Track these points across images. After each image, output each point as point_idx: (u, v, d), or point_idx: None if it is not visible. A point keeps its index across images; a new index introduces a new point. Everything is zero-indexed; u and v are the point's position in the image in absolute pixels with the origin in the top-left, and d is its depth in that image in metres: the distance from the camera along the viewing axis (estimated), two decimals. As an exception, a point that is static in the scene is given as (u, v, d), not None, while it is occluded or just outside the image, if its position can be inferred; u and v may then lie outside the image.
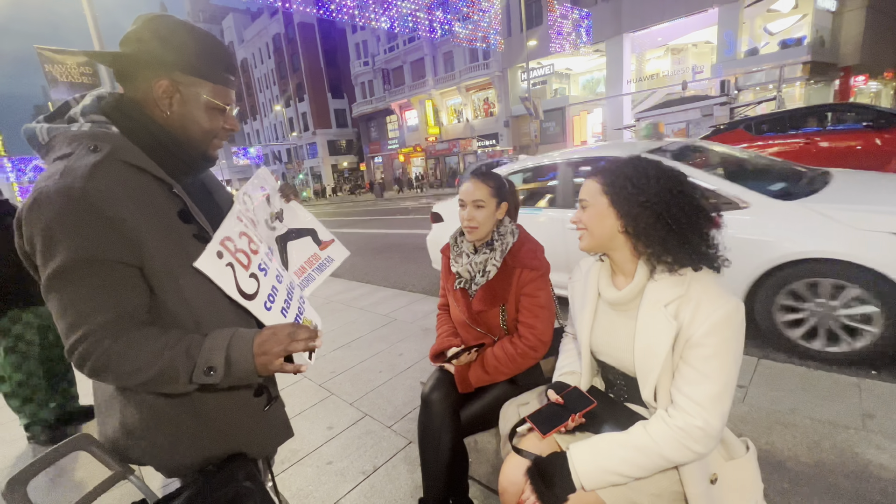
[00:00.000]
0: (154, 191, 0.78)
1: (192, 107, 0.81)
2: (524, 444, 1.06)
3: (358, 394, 2.56)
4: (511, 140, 26.06)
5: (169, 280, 0.77)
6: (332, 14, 14.96)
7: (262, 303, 0.90)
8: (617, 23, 20.89)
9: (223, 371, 0.75)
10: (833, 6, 17.95)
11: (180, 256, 0.77)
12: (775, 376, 2.09)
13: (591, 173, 1.02)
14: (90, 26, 6.37)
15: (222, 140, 0.89)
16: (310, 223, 1.28)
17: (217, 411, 0.89)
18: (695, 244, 0.89)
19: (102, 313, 0.71)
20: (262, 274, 0.93)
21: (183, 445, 0.88)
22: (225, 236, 0.84)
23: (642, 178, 0.92)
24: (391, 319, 3.77)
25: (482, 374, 1.35)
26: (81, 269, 0.69)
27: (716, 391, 0.85)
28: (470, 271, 1.40)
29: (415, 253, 6.97)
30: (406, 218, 13.35)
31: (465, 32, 19.29)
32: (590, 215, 0.99)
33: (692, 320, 0.86)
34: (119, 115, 0.79)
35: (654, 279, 0.93)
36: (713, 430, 0.84)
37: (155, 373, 0.73)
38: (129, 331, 0.73)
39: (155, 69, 0.77)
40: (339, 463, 1.96)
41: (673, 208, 0.89)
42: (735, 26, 17.95)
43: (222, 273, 0.81)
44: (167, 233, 0.77)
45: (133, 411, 0.86)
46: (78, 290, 0.70)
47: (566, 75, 26.61)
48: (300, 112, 41.58)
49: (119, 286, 0.72)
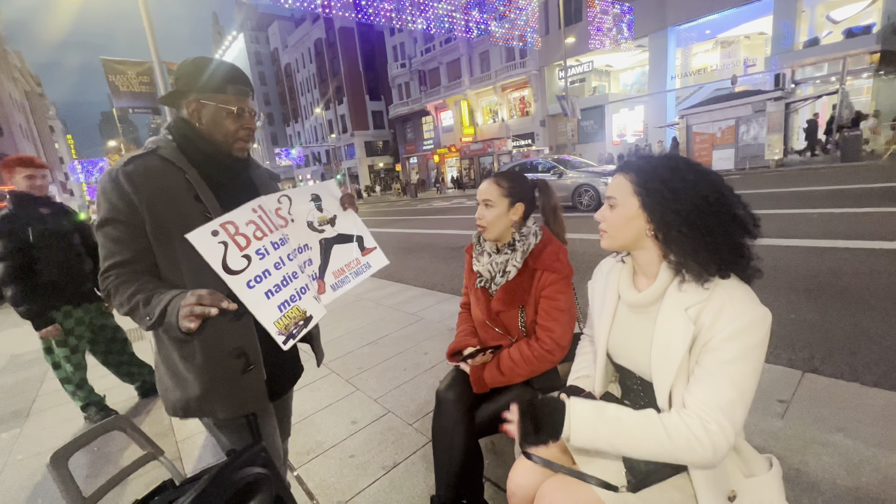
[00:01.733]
0: (177, 176, 1.03)
1: (213, 115, 1.05)
2: (533, 448, 1.04)
3: (382, 390, 2.61)
4: (547, 139, 25.61)
5: (165, 242, 0.99)
6: (370, 17, 15.29)
7: (245, 281, 0.99)
8: (661, 16, 20.01)
9: (155, 316, 0.91)
10: (909, -11, 16.31)
11: (180, 225, 0.97)
12: (821, 392, 1.94)
13: (623, 168, 0.97)
14: (148, 37, 6.85)
15: (245, 141, 1.11)
16: (360, 231, 1.39)
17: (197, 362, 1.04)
18: (726, 255, 0.84)
19: (115, 256, 0.98)
20: (257, 257, 1.03)
21: (173, 382, 1.07)
22: (228, 220, 0.99)
23: (678, 182, 0.87)
24: (418, 318, 3.82)
25: (497, 374, 1.34)
26: (106, 225, 0.98)
27: (730, 398, 0.79)
28: (490, 271, 1.40)
29: (446, 253, 7.01)
30: (439, 218, 13.44)
31: (502, 31, 19.12)
32: (617, 216, 0.95)
33: (712, 324, 0.82)
34: (174, 130, 1.09)
35: (677, 282, 0.89)
36: (727, 438, 0.79)
37: (128, 309, 0.96)
38: (128, 272, 0.98)
39: (185, 95, 1.05)
40: (361, 457, 2.00)
41: (708, 217, 0.84)
42: (793, 15, 16.71)
43: (212, 248, 0.95)
44: (175, 206, 1.00)
45: (156, 349, 1.11)
46: (105, 238, 0.99)
47: (606, 72, 25.81)
48: (339, 114, 42.81)
49: (128, 239, 0.98)
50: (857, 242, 4.28)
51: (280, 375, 1.20)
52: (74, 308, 2.56)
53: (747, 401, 0.81)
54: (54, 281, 2.43)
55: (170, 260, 1.01)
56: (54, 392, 3.19)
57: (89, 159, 31.24)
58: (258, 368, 1.09)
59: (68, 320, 2.54)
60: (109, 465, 2.16)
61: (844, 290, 3.16)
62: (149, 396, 2.96)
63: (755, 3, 17.42)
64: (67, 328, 2.53)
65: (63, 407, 2.96)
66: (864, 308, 2.83)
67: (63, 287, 2.47)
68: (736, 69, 18.95)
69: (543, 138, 25.73)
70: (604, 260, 1.17)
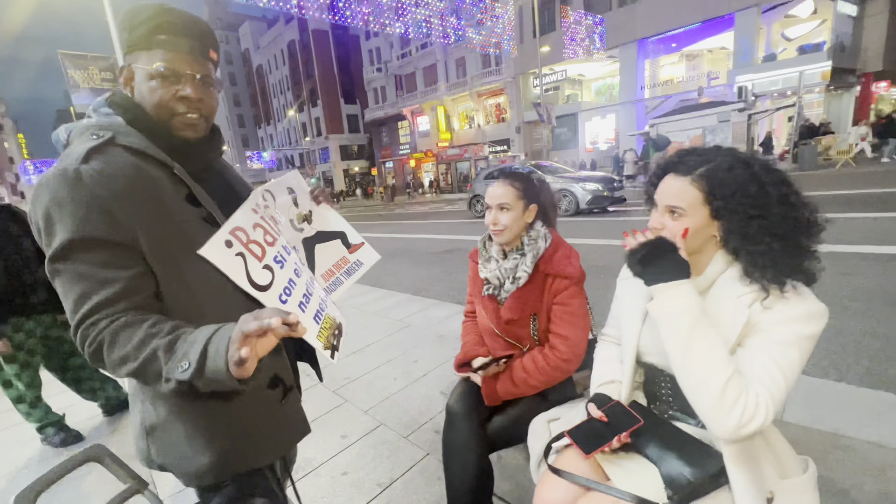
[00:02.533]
0: (157, 174, 0.76)
1: (139, 82, 0.79)
2: (562, 462, 0.98)
3: (372, 401, 2.49)
4: (523, 146, 25.98)
5: (168, 262, 0.75)
6: (347, 20, 15.11)
7: (277, 295, 0.86)
8: (631, 28, 20.75)
9: (195, 366, 0.63)
10: (854, 11, 17.61)
11: (182, 240, 0.76)
12: (812, 393, 1.98)
13: (681, 169, 0.88)
14: (112, 31, 6.49)
15: (186, 115, 0.79)
16: (340, 226, 1.25)
17: (231, 406, 0.83)
18: (806, 262, 0.81)
19: (98, 293, 0.69)
20: (277, 266, 0.90)
21: (198, 443, 0.82)
22: (236, 226, 0.83)
23: (757, 189, 0.81)
24: (405, 325, 3.71)
25: (511, 387, 1.28)
26: (77, 249, 0.68)
27: (775, 378, 0.75)
28: (499, 277, 1.33)
29: (426, 258, 6.92)
30: (417, 223, 13.34)
31: (479, 38, 19.34)
32: (682, 228, 0.86)
33: (766, 310, 0.79)
34: (119, 106, 0.81)
35: (728, 275, 0.86)
36: (763, 414, 0.74)
37: (140, 364, 0.67)
38: (126, 311, 0.70)
39: (124, 59, 0.80)
40: (355, 474, 1.89)
41: (791, 227, 0.81)
42: (752, 32, 17.70)
43: (232, 262, 0.80)
44: (168, 215, 0.75)
45: (150, 406, 0.82)
46: (76, 269, 0.69)
47: (578, 81, 26.49)
48: (313, 117, 42.08)
49: (114, 266, 0.70)
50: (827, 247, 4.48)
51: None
52: (25, 320, 2.33)
53: (789, 389, 0.77)
54: (1, 291, 2.19)
55: (179, 284, 0.76)
56: (6, 413, 2.90)
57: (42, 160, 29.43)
58: (294, 391, 0.95)
59: (18, 334, 2.29)
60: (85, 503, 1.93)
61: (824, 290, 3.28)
62: (114, 414, 2.73)
63: (717, 20, 18.35)
64: (17, 342, 2.29)
65: (17, 429, 2.68)
66: (839, 309, 2.94)
67: (11, 297, 2.24)
68: (700, 81, 19.85)
69: (519, 144, 26.09)
70: None
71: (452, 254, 7.14)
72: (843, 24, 17.34)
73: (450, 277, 5.53)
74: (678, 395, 0.96)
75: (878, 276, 3.50)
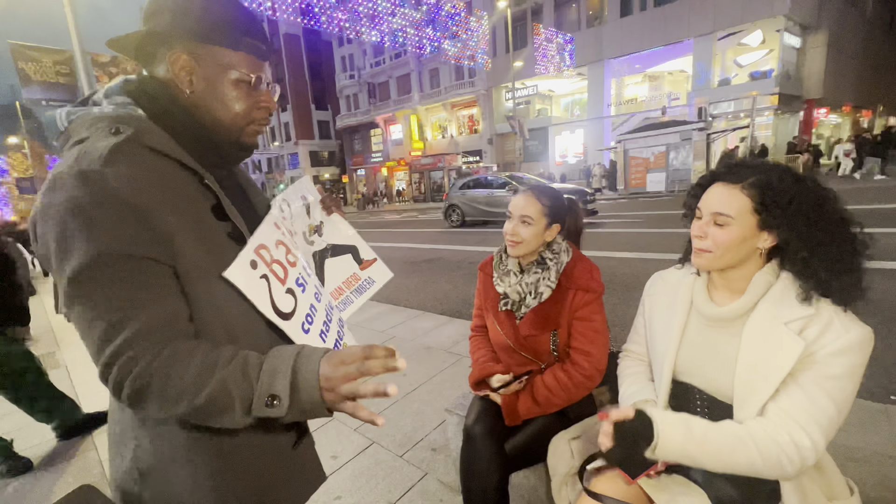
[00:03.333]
0: (183, 181, 0.67)
1: (214, 82, 0.69)
2: (599, 486, 0.94)
3: (362, 418, 2.38)
4: (495, 157, 26.41)
5: (200, 283, 0.64)
6: (322, 24, 14.93)
7: (300, 324, 0.78)
8: (598, 49, 21.70)
9: (288, 401, 0.59)
10: (798, 43, 19.19)
11: (213, 257, 0.66)
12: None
13: (731, 178, 0.87)
14: (69, 22, 6.07)
15: (260, 124, 0.76)
16: (352, 239, 1.17)
17: (240, 449, 0.73)
18: (859, 277, 0.81)
19: (138, 320, 0.57)
20: (299, 290, 0.81)
21: (201, 491, 0.72)
22: (260, 244, 0.73)
23: (808, 202, 0.81)
24: (390, 337, 3.61)
25: (533, 405, 1.23)
26: (105, 268, 0.56)
27: (829, 414, 0.77)
28: (520, 292, 1.29)
29: (404, 267, 6.82)
30: (392, 231, 13.19)
31: (454, 50, 19.62)
32: (729, 236, 0.86)
33: (818, 338, 0.79)
34: (144, 96, 0.69)
35: (772, 296, 0.85)
36: (815, 453, 0.77)
37: (205, 399, 0.58)
38: (170, 343, 0.59)
39: (170, 42, 0.66)
40: (349, 498, 1.78)
41: (843, 241, 0.81)
42: (708, 57, 18.93)
43: (256, 286, 0.70)
44: (199, 229, 0.65)
45: (148, 447, 0.70)
46: (104, 293, 0.56)
47: (549, 96, 27.33)
48: (282, 122, 41.08)
49: (153, 288, 0.59)
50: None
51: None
52: None
53: (843, 418, 0.79)
54: None
55: (210, 307, 0.66)
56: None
57: (-23, 158, 27.08)
58: (308, 436, 0.85)
59: None
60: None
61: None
62: (71, 437, 2.47)
63: (677, 44, 19.53)
64: None
65: None
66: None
67: None
68: (661, 101, 20.96)
69: (491, 156, 26.51)
70: (664, 271, 1.11)
71: (431, 263, 7.08)
72: (789, 55, 18.86)
73: (431, 287, 5.46)
74: (715, 413, 0.94)
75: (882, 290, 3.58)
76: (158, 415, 0.60)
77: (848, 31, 20.99)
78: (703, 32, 18.52)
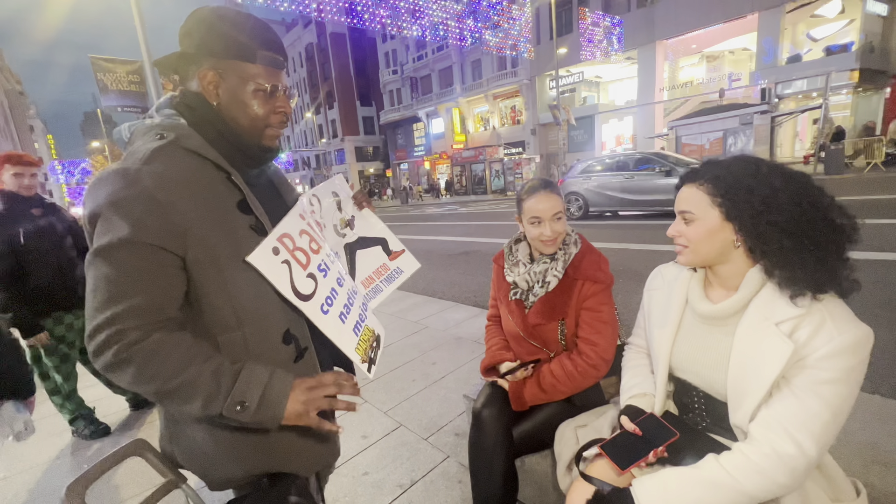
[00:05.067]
0: (213, 179, 0.78)
1: (236, 92, 0.79)
2: (593, 470, 0.97)
3: (392, 402, 2.51)
4: (538, 148, 25.83)
5: (213, 270, 0.75)
6: (365, 23, 15.28)
7: (319, 305, 0.87)
8: (650, 30, 20.45)
9: (254, 409, 0.71)
10: (885, 11, 17.01)
11: (230, 247, 0.76)
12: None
13: (691, 178, 0.90)
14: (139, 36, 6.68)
15: (277, 128, 0.86)
16: (381, 232, 1.27)
17: None
18: (832, 267, 0.78)
19: (132, 298, 0.67)
20: (321, 275, 0.90)
21: (222, 456, 0.84)
22: (283, 233, 0.83)
23: (765, 189, 0.81)
24: (423, 327, 3.72)
25: (539, 392, 1.27)
26: (123, 250, 0.67)
27: (823, 419, 0.74)
28: (528, 281, 1.32)
29: (443, 260, 6.94)
30: (434, 224, 13.37)
31: (496, 40, 19.33)
32: (697, 231, 0.88)
33: (809, 340, 0.76)
34: (185, 107, 0.82)
35: (765, 294, 0.83)
36: (806, 460, 0.74)
37: (174, 386, 0.68)
38: (159, 327, 0.69)
39: (197, 60, 0.78)
40: (376, 474, 1.90)
41: (806, 226, 0.79)
42: (776, 32, 17.25)
43: (277, 270, 0.79)
44: (221, 222, 0.76)
45: (173, 415, 0.85)
46: (115, 269, 0.67)
47: (595, 83, 26.23)
48: (329, 119, 42.58)
49: (156, 273, 0.70)
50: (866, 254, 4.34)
51: None
52: (65, 313, 2.41)
53: (840, 424, 0.76)
54: (45, 285, 2.28)
55: (219, 291, 0.76)
56: (40, 404, 3.00)
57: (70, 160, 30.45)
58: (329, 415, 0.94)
59: (59, 327, 2.39)
60: (125, 495, 1.96)
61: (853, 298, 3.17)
62: (141, 408, 2.80)
63: (740, 20, 17.95)
64: (58, 335, 2.38)
65: (48, 420, 2.78)
66: (870, 318, 2.84)
67: (54, 292, 2.33)
68: (721, 83, 19.44)
69: (534, 147, 25.95)
70: (664, 266, 1.11)
71: (468, 255, 7.14)
72: (873, 24, 16.78)
73: (467, 280, 5.52)
74: (712, 413, 0.94)
75: (912, 285, 3.37)
76: (126, 386, 0.69)
77: (949, -8, 18.32)
78: (771, 5, 16.86)
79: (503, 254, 1.46)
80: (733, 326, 0.87)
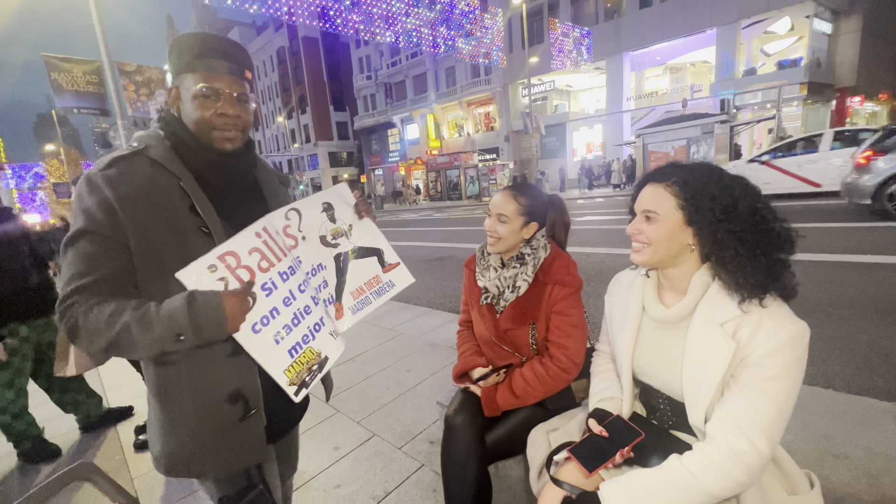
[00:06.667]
0: (167, 183, 0.85)
1: (184, 101, 0.89)
2: (563, 474, 0.97)
3: (365, 412, 2.46)
4: (511, 154, 26.23)
5: (155, 261, 0.82)
6: (337, 28, 15.14)
7: (250, 325, 0.86)
8: (617, 42, 21.24)
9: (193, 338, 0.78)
10: (829, 29, 18.33)
11: (175, 244, 0.83)
12: (801, 400, 2.00)
13: (658, 178, 0.92)
14: (98, 34, 6.38)
15: (224, 131, 0.90)
16: (378, 243, 1.23)
17: (189, 409, 0.87)
18: (776, 272, 0.82)
19: (83, 277, 0.79)
20: (263, 294, 0.89)
21: (162, 432, 0.89)
22: (227, 251, 0.85)
23: (727, 198, 0.83)
24: (397, 333, 3.68)
25: (510, 397, 1.26)
26: (80, 239, 0.80)
27: (770, 416, 0.78)
28: (499, 286, 1.32)
29: (417, 265, 6.90)
30: (407, 230, 13.31)
31: (469, 48, 19.57)
32: (658, 231, 0.90)
33: (750, 339, 0.80)
34: (164, 121, 0.92)
35: (710, 297, 0.86)
36: (760, 457, 0.77)
37: (115, 336, 0.76)
38: (100, 295, 0.79)
39: (172, 81, 0.91)
40: (348, 486, 1.85)
41: (759, 235, 0.82)
42: (733, 47, 18.27)
43: (208, 286, 0.81)
44: (169, 220, 0.83)
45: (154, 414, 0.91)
46: (75, 254, 0.80)
47: (566, 91, 26.94)
48: (302, 124, 41.87)
49: (101, 256, 0.80)
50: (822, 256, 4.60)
51: (282, 413, 1.01)
52: (19, 324, 2.25)
53: (786, 417, 0.79)
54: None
55: (158, 281, 0.83)
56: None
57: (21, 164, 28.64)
58: (258, 413, 0.92)
59: (13, 339, 2.21)
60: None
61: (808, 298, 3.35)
62: (91, 431, 2.62)
63: (700, 34, 18.92)
64: (12, 348, 2.21)
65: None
66: (824, 317, 3.01)
67: (9, 302, 2.16)
68: (684, 93, 20.36)
69: (508, 153, 26.34)
70: (621, 272, 1.13)
71: (443, 261, 7.13)
72: (819, 42, 18.02)
73: (441, 285, 5.51)
74: (676, 412, 0.96)
75: (862, 283, 3.59)
76: (88, 347, 0.78)
77: (884, 14, 19.88)
78: (727, 21, 17.87)
79: (475, 258, 1.46)
80: (685, 329, 0.89)
